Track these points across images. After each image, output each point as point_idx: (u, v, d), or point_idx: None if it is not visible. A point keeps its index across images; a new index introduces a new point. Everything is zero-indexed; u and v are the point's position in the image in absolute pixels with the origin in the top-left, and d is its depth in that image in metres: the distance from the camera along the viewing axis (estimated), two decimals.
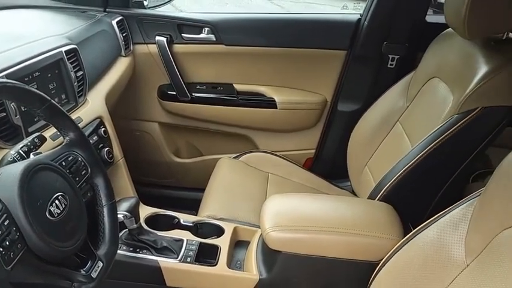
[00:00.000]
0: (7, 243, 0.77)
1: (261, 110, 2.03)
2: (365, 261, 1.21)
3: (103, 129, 1.49)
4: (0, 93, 0.86)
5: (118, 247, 1.07)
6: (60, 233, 0.86)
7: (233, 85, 2.03)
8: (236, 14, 2.07)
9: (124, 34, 1.87)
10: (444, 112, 1.33)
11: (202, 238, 1.41)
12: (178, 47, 1.97)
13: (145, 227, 1.37)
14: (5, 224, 0.78)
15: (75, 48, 1.45)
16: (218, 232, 1.45)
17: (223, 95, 2.03)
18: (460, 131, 1.27)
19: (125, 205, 1.25)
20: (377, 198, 1.40)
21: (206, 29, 1.94)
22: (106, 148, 1.47)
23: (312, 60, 1.96)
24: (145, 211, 1.47)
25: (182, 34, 1.95)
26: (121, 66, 1.84)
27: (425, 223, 1.01)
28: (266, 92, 2.02)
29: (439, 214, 0.99)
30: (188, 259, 1.32)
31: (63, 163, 0.97)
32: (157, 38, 1.94)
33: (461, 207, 0.95)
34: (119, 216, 1.19)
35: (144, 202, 1.51)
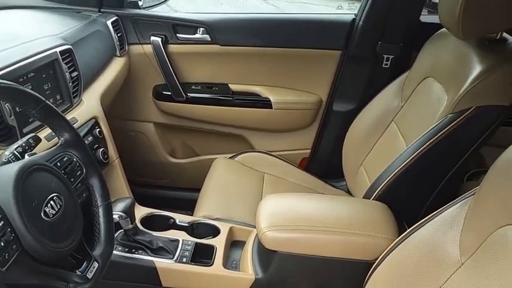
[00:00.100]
0: (2, 244, 0.77)
1: (256, 110, 2.03)
2: (360, 260, 1.22)
3: (98, 129, 1.49)
4: None
5: (113, 247, 1.07)
6: (55, 234, 0.86)
7: (228, 85, 2.03)
8: (231, 14, 2.07)
9: (119, 34, 1.87)
10: (439, 112, 1.33)
11: (198, 238, 1.41)
12: (173, 47, 1.97)
13: (140, 228, 1.36)
14: (0, 225, 0.78)
15: (70, 48, 1.44)
16: (214, 232, 1.45)
17: (218, 95, 2.03)
18: (455, 131, 1.28)
19: (121, 205, 1.25)
20: (372, 197, 1.40)
21: (201, 29, 1.94)
22: (101, 148, 1.46)
23: (307, 60, 1.96)
24: (140, 211, 1.47)
25: (177, 34, 1.95)
26: (116, 66, 1.83)
27: (420, 222, 1.01)
28: (261, 92, 2.02)
29: (434, 213, 0.99)
30: (184, 259, 1.32)
31: (58, 164, 0.97)
32: (152, 38, 1.93)
33: (455, 206, 0.95)
34: (115, 216, 1.19)
35: (140, 202, 1.51)
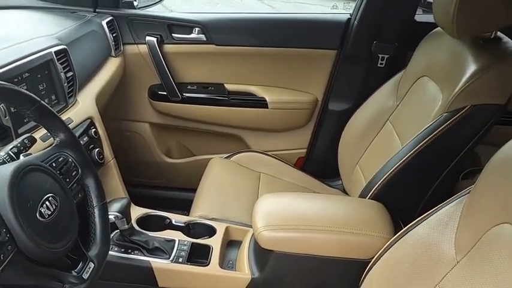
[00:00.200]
0: None
1: (252, 110, 2.03)
2: (357, 259, 1.22)
3: (93, 130, 1.49)
4: None
5: (109, 248, 1.07)
6: (51, 234, 0.86)
7: (224, 85, 2.03)
8: (227, 14, 2.07)
9: (114, 34, 1.87)
10: (434, 111, 1.34)
11: (194, 238, 1.41)
12: (168, 47, 1.96)
13: (136, 228, 1.36)
14: None
15: (65, 48, 1.44)
16: (210, 232, 1.45)
17: (214, 95, 2.03)
18: (450, 129, 1.28)
19: (116, 206, 1.25)
20: (368, 196, 1.40)
21: (196, 29, 1.93)
22: (97, 149, 1.46)
23: (303, 59, 1.96)
24: (136, 212, 1.47)
25: (172, 34, 1.95)
26: (111, 66, 1.83)
27: (415, 221, 1.01)
28: (257, 92, 2.02)
29: (429, 212, 0.99)
30: (180, 259, 1.32)
31: (53, 164, 0.97)
32: (147, 38, 1.93)
33: (451, 204, 0.95)
34: (110, 217, 1.18)
35: (136, 203, 1.50)
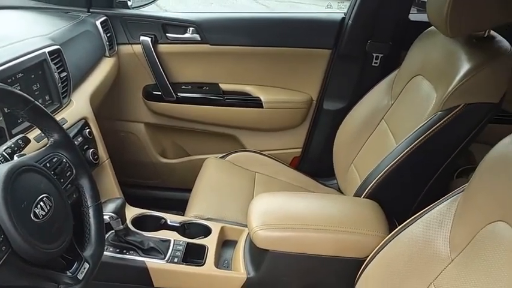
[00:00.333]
0: None
1: (247, 110, 2.03)
2: (352, 258, 1.22)
3: (88, 130, 1.48)
4: None
5: (104, 248, 1.07)
6: (45, 235, 0.86)
7: (219, 85, 2.02)
8: (221, 14, 2.07)
9: (108, 34, 1.86)
10: (428, 109, 1.34)
11: (189, 238, 1.41)
12: (163, 47, 1.96)
13: (131, 228, 1.36)
14: None
15: (58, 49, 1.43)
16: (205, 232, 1.44)
17: (209, 95, 2.03)
18: (444, 128, 1.29)
19: (111, 206, 1.25)
20: (363, 195, 1.41)
21: (191, 29, 1.93)
22: (91, 149, 1.45)
23: (297, 59, 1.96)
24: (131, 212, 1.46)
25: (167, 34, 1.94)
26: (105, 66, 1.82)
27: (410, 219, 1.02)
28: (252, 92, 2.02)
29: (424, 210, 1.00)
30: (175, 259, 1.31)
31: (47, 164, 0.96)
32: (141, 38, 1.93)
33: (445, 203, 0.96)
34: (105, 217, 1.18)
35: (131, 203, 1.50)
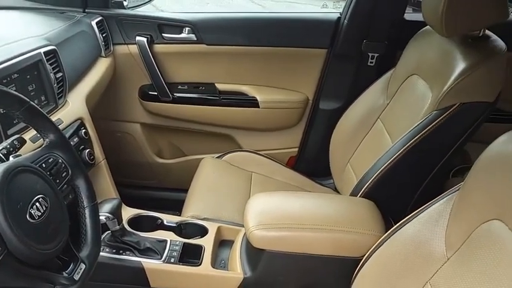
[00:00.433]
0: None
1: (243, 110, 2.03)
2: (348, 257, 1.22)
3: (84, 130, 1.48)
4: None
5: (101, 249, 1.07)
6: (41, 236, 0.85)
7: (215, 85, 2.02)
8: (217, 14, 2.07)
9: (104, 35, 1.86)
10: (423, 109, 1.35)
11: (186, 238, 1.40)
12: (159, 47, 1.96)
13: (128, 229, 1.36)
14: None
15: (54, 49, 1.43)
16: (202, 232, 1.44)
17: (205, 95, 2.03)
18: (439, 127, 1.29)
19: (107, 207, 1.24)
20: (359, 194, 1.41)
21: (187, 29, 1.93)
22: (87, 150, 1.45)
23: (293, 59, 1.97)
24: (128, 212, 1.46)
25: (163, 34, 1.94)
26: (101, 67, 1.82)
27: (406, 218, 1.02)
28: (248, 91, 2.02)
29: (420, 209, 1.00)
30: (172, 259, 1.31)
31: (43, 165, 0.96)
32: (137, 38, 1.92)
33: (441, 201, 0.96)
34: (101, 218, 1.18)
35: (127, 203, 1.50)
